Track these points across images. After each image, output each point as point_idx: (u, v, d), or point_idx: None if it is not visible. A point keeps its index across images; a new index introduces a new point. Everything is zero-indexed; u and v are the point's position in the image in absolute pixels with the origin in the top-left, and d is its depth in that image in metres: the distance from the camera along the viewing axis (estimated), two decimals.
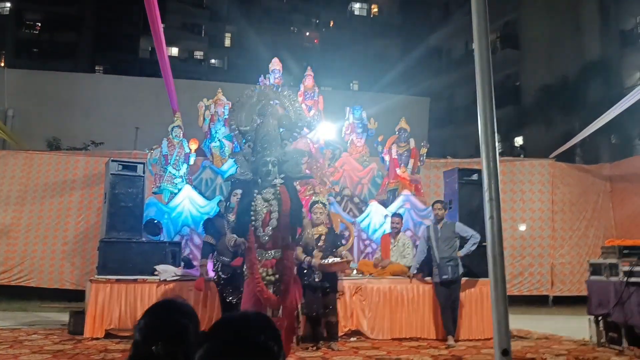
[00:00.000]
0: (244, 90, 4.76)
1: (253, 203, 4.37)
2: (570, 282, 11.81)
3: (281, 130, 4.59)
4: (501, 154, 22.17)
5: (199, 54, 38.09)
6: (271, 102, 4.65)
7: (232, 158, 5.84)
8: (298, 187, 8.41)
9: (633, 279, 5.98)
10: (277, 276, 4.33)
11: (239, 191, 6.53)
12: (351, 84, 36.45)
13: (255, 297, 4.31)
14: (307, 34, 41.56)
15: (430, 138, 22.27)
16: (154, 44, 8.58)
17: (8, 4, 33.71)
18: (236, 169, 4.76)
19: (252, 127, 4.55)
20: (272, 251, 4.34)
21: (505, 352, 3.66)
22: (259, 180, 4.43)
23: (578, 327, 7.44)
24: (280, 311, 4.41)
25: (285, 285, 4.33)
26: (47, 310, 9.07)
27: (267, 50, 10.69)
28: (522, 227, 12.17)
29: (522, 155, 19.96)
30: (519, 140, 24.74)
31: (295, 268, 7.01)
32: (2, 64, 26.91)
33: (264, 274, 4.33)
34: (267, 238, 4.31)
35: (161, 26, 8.16)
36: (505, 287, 3.78)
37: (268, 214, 4.33)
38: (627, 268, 6.09)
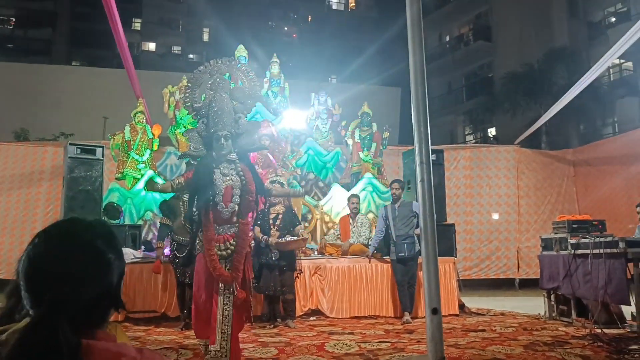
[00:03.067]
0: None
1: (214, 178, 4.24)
2: (536, 264, 11.90)
3: (234, 103, 4.52)
4: (474, 144, 22.43)
5: (176, 49, 37.86)
6: (224, 76, 4.60)
7: (185, 135, 5.70)
8: (259, 169, 8.48)
9: (580, 251, 6.13)
10: (229, 251, 4.27)
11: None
12: (329, 78, 36.49)
13: (208, 272, 4.28)
14: (286, 28, 41.52)
15: (405, 128, 22.46)
16: (109, 24, 8.52)
17: None
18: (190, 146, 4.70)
19: (205, 103, 4.49)
20: (229, 226, 4.27)
21: (435, 310, 3.78)
22: (214, 154, 4.30)
23: (538, 305, 7.63)
24: (236, 285, 4.35)
25: (238, 260, 4.27)
26: None
27: (245, 44, 10.67)
28: (495, 216, 12.36)
29: None
30: (492, 131, 25.05)
31: (252, 246, 7.11)
32: None
33: (217, 249, 4.28)
34: (228, 214, 4.18)
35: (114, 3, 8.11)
36: (436, 248, 3.89)
37: (230, 188, 4.20)
38: (574, 241, 6.24)
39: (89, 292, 1.09)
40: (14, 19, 34.19)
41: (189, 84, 4.54)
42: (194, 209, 4.38)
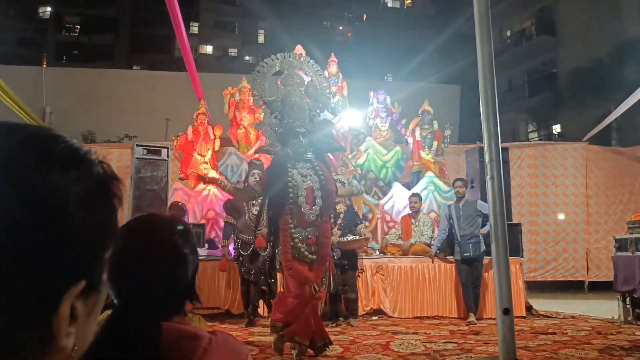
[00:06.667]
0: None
1: (290, 178, 4.07)
2: (607, 267, 11.45)
3: (308, 101, 4.38)
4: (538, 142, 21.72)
5: (233, 51, 38.51)
6: (296, 72, 4.45)
7: (258, 128, 5.47)
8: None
9: None
10: (315, 255, 4.06)
11: (257, 171, 6.64)
12: (386, 77, 36.25)
13: (299, 278, 4.08)
14: (340, 28, 41.52)
15: (465, 126, 21.99)
16: (173, 27, 8.73)
17: (49, 8, 34.88)
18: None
19: (278, 96, 4.28)
20: (311, 228, 4.06)
21: (507, 310, 3.65)
22: (289, 152, 4.15)
23: (610, 309, 7.29)
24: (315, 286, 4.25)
25: (321, 260, 4.15)
26: None
27: (301, 45, 10.74)
28: (561, 217, 11.91)
29: None
30: (556, 128, 24.20)
31: None
32: (45, 65, 27.84)
33: (306, 252, 4.05)
34: (313, 217, 4.01)
35: (178, 9, 8.30)
36: (507, 247, 3.77)
37: (311, 190, 4.05)
38: None
39: (166, 285, 1.14)
40: (79, 26, 35.68)
41: (256, 76, 4.39)
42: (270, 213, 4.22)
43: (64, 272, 0.50)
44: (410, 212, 7.88)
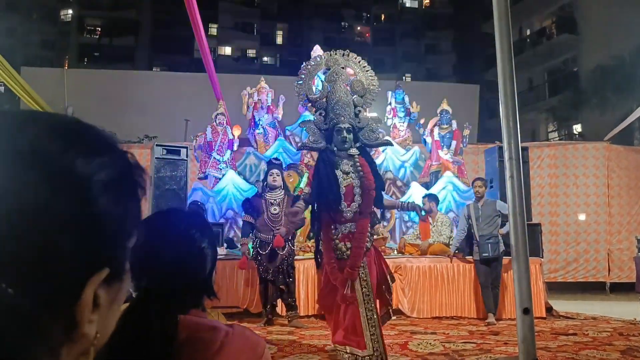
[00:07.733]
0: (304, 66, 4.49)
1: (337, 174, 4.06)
2: (629, 268, 11.32)
3: (354, 96, 4.30)
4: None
5: (251, 52, 38.69)
6: (341, 68, 4.37)
7: (302, 127, 5.40)
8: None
9: None
10: (349, 253, 4.02)
11: (275, 171, 6.66)
12: (404, 77, 36.17)
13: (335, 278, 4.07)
14: (359, 28, 41.49)
15: (485, 126, 21.84)
16: (192, 29, 8.82)
17: (71, 11, 35.41)
18: (306, 137, 4.50)
19: (323, 94, 4.28)
20: (349, 224, 4.05)
21: (526, 310, 3.61)
22: (335, 149, 4.11)
23: (632, 311, 7.20)
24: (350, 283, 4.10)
25: (354, 258, 3.98)
26: None
27: (319, 45, 10.77)
28: (582, 217, 11.78)
29: None
30: (577, 128, 23.90)
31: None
32: (66, 67, 28.26)
33: (344, 248, 4.04)
34: (350, 214, 4.02)
35: (198, 11, 8.38)
36: (527, 246, 3.72)
37: (351, 187, 4.03)
38: None
39: (183, 279, 1.15)
40: (100, 29, 36.18)
41: (302, 75, 4.39)
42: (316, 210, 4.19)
43: (87, 259, 0.50)
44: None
